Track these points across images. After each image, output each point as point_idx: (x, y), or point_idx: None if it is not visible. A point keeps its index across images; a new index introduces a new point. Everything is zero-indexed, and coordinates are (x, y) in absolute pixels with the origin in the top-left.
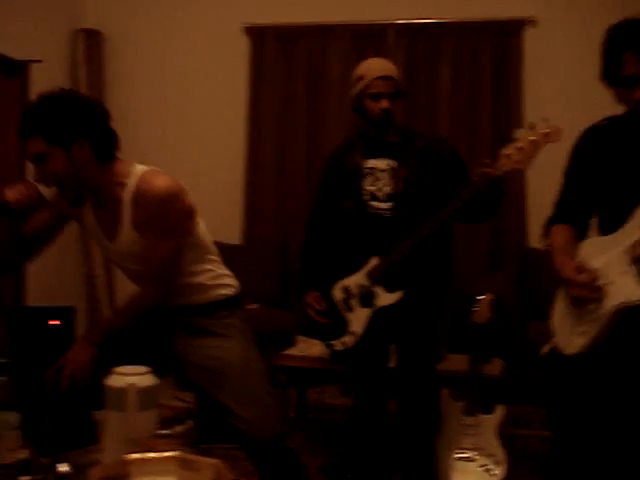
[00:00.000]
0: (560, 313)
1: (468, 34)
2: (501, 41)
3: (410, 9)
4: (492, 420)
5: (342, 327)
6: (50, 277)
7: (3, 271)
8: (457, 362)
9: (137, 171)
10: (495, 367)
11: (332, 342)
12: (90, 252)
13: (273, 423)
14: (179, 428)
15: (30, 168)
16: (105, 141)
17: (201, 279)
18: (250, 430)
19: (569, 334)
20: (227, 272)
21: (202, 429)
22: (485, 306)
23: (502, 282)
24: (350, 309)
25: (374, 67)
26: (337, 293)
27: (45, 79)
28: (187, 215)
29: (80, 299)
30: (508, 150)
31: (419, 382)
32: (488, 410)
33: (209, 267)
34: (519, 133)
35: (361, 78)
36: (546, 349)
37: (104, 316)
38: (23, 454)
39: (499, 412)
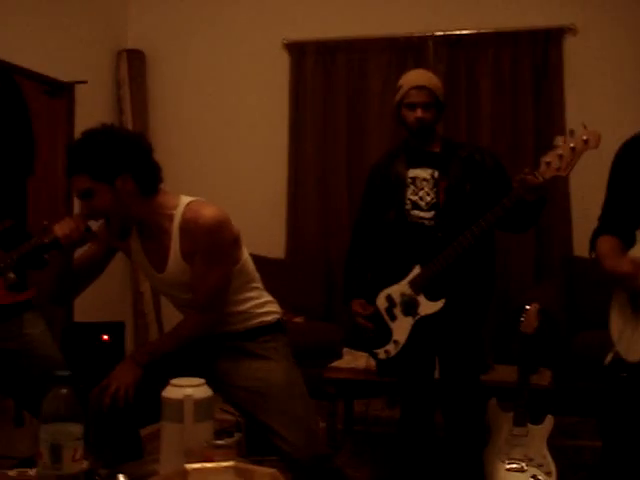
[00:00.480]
0: (619, 320)
1: (508, 44)
2: (541, 50)
3: (449, 20)
4: (541, 430)
5: (386, 336)
6: (98, 293)
7: (54, 304)
8: (505, 372)
9: (183, 202)
10: (543, 377)
11: (375, 351)
12: (136, 268)
13: (316, 445)
14: (228, 440)
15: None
16: (148, 174)
17: (245, 307)
18: (293, 451)
19: (631, 341)
20: (270, 298)
21: (251, 442)
22: (532, 316)
23: (549, 292)
24: (394, 318)
25: (411, 77)
26: (381, 302)
27: (90, 99)
28: (234, 243)
29: (127, 315)
30: (548, 157)
31: (464, 393)
32: (537, 420)
33: (253, 295)
34: (559, 140)
35: (400, 88)
36: (609, 358)
37: (152, 337)
38: (85, 465)
39: (548, 422)
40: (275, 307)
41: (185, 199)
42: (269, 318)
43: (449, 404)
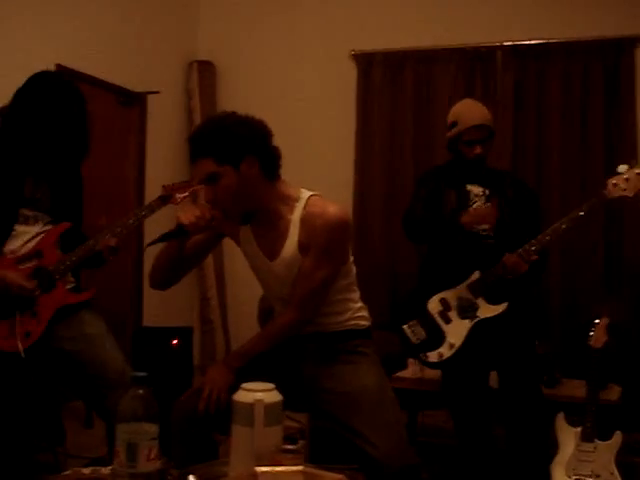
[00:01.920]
0: None
1: (578, 54)
2: (612, 60)
3: (518, 30)
4: (609, 447)
5: (438, 339)
6: (165, 298)
7: (157, 288)
8: (573, 387)
9: (304, 194)
10: (612, 393)
11: (427, 354)
12: (204, 274)
13: (407, 453)
14: (290, 446)
15: (149, 194)
16: (271, 158)
17: (344, 308)
18: (383, 458)
19: None
20: (363, 304)
21: (314, 449)
22: (602, 331)
23: (619, 306)
24: (448, 321)
25: (468, 115)
26: (433, 305)
27: (161, 109)
28: (348, 244)
29: (193, 321)
30: (614, 179)
31: (525, 404)
32: (605, 436)
33: (353, 297)
34: (622, 168)
35: (455, 124)
36: None
37: (218, 344)
38: (159, 464)
39: (616, 439)
40: (367, 313)
41: (306, 192)
42: (363, 322)
43: (510, 415)
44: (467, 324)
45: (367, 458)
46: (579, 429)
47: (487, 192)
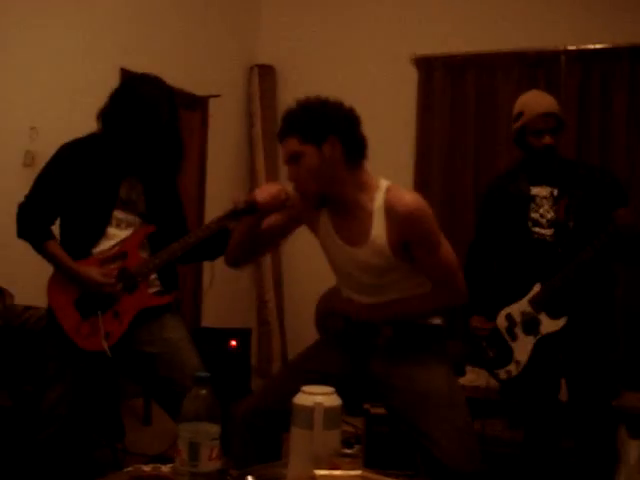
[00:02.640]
0: None
1: None
2: None
3: (582, 34)
4: None
5: (507, 356)
6: (223, 300)
7: (232, 266)
8: (635, 399)
9: (383, 184)
10: None
11: (496, 371)
12: (262, 277)
13: (474, 458)
14: (348, 450)
15: (210, 196)
16: (355, 143)
17: None
18: (450, 461)
19: None
20: None
21: (369, 453)
22: None
23: None
24: (514, 337)
25: (534, 103)
26: (501, 321)
27: (222, 112)
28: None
29: (251, 322)
30: None
31: (595, 418)
32: None
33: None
34: None
35: (521, 114)
36: None
37: (274, 346)
38: (219, 464)
39: None
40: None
41: (384, 181)
42: (437, 321)
43: (580, 429)
44: (531, 340)
45: (433, 460)
46: None
47: (555, 192)
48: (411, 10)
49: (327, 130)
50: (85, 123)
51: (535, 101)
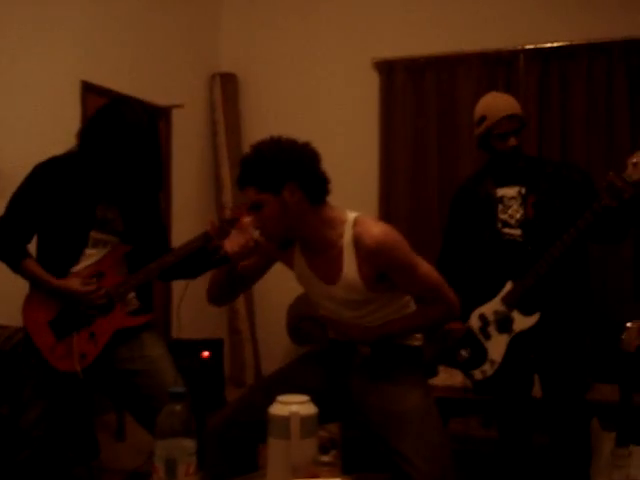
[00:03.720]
0: None
1: (601, 55)
2: (636, 61)
3: (540, 33)
4: None
5: (481, 356)
6: (194, 310)
7: (213, 304)
8: (606, 392)
9: (350, 217)
10: None
11: (472, 372)
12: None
13: (448, 476)
14: (326, 458)
15: (175, 206)
16: (315, 183)
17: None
18: (420, 477)
19: None
20: None
21: (345, 458)
22: (633, 334)
23: None
24: (488, 337)
25: (496, 107)
26: (474, 322)
27: (186, 122)
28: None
29: (222, 332)
30: (635, 158)
31: (569, 412)
32: None
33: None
34: None
35: (484, 118)
36: None
37: (247, 355)
38: (196, 479)
39: None
40: (420, 335)
41: (351, 214)
42: (416, 342)
43: (555, 424)
44: (505, 339)
45: (406, 478)
46: (613, 434)
47: (523, 191)
48: (370, 15)
49: (283, 178)
50: (46, 137)
51: (497, 104)
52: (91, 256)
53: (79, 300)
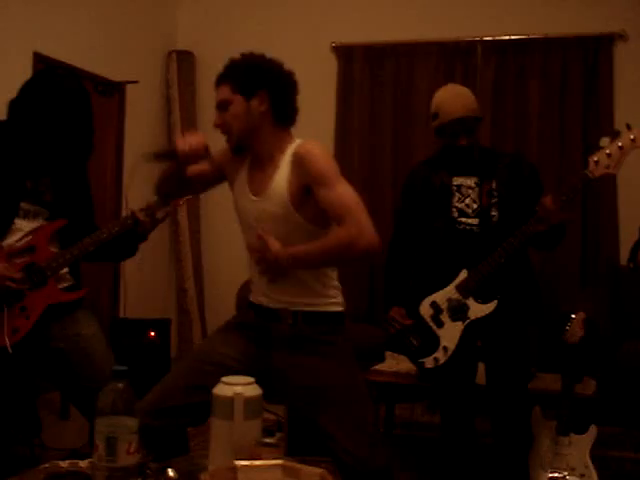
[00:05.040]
0: None
1: (557, 50)
2: (591, 56)
3: (498, 25)
4: (584, 440)
5: (433, 343)
6: (142, 289)
7: (165, 203)
8: (549, 381)
9: (297, 141)
10: (588, 387)
11: (423, 360)
12: (182, 265)
13: (377, 455)
14: (269, 439)
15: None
16: (285, 103)
17: (320, 283)
18: (352, 460)
19: None
20: (339, 285)
21: (292, 441)
22: (577, 325)
23: (594, 300)
24: (440, 324)
25: (449, 107)
26: (425, 309)
27: (140, 99)
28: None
29: (171, 312)
30: (596, 156)
31: (512, 400)
32: (580, 430)
33: (329, 274)
34: (605, 141)
35: (436, 116)
36: None
37: (195, 335)
38: (138, 458)
39: (591, 432)
40: (341, 297)
41: (300, 140)
42: (334, 307)
43: (497, 411)
44: (459, 326)
45: (337, 458)
46: (554, 423)
47: (479, 182)
48: None
49: (258, 84)
50: None
51: (449, 104)
52: (21, 227)
53: (2, 284)
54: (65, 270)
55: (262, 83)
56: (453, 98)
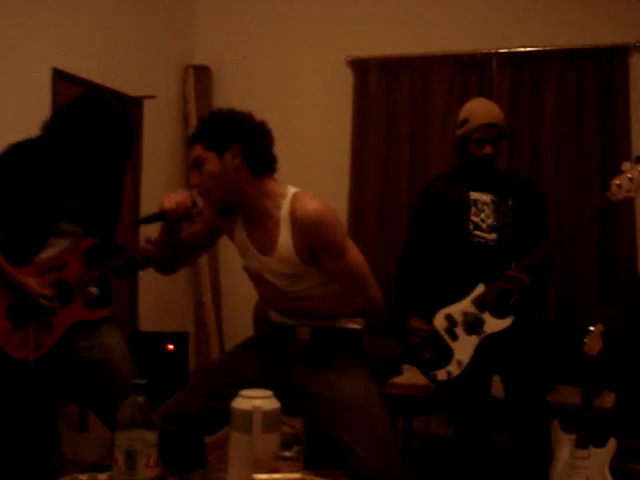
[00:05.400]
0: None
1: (572, 61)
2: (607, 68)
3: (513, 37)
4: (604, 453)
5: (446, 356)
6: (160, 303)
7: (160, 272)
8: (568, 394)
9: (290, 191)
10: (607, 400)
11: (435, 372)
12: (199, 279)
13: (394, 467)
14: (287, 453)
15: (145, 198)
16: (259, 154)
17: (339, 305)
18: (370, 474)
19: None
20: None
21: (310, 455)
22: (596, 337)
23: (613, 312)
24: (455, 337)
25: (479, 113)
26: (439, 322)
27: (157, 113)
28: (345, 233)
29: (189, 325)
30: (618, 180)
31: (531, 413)
32: (600, 443)
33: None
34: (626, 166)
35: (466, 121)
36: None
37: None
38: (157, 471)
39: (611, 445)
40: (360, 318)
41: (292, 188)
42: (354, 325)
43: (516, 424)
44: (474, 340)
45: (354, 471)
46: (573, 436)
47: (495, 199)
48: (346, 12)
49: (229, 139)
50: (17, 124)
51: (480, 110)
52: (55, 246)
53: (31, 298)
54: (94, 288)
55: (232, 137)
56: (484, 106)
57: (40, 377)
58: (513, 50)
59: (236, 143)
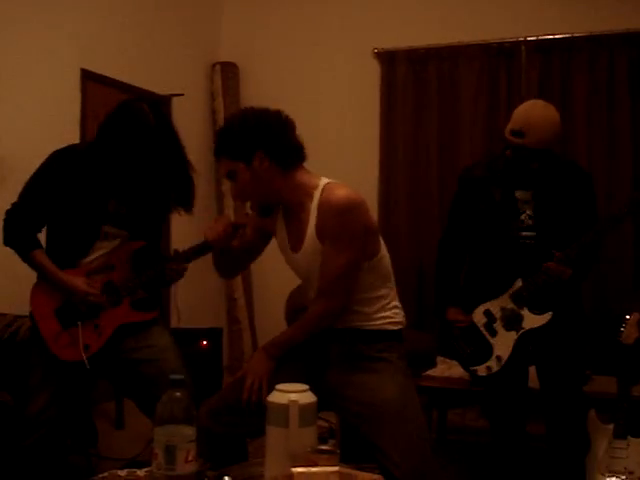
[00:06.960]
0: None
1: (603, 47)
2: (636, 53)
3: (542, 25)
4: None
5: (486, 352)
6: (193, 299)
7: (223, 278)
8: (604, 384)
9: (323, 182)
10: None
11: (476, 367)
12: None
13: (429, 474)
14: (324, 446)
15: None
16: (282, 150)
17: (372, 309)
18: (402, 475)
19: None
20: (397, 304)
21: (345, 449)
22: (633, 326)
23: None
24: (494, 333)
25: (540, 133)
26: (478, 317)
27: (186, 111)
28: (366, 230)
29: (221, 321)
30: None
31: (567, 404)
32: (638, 433)
33: (382, 294)
34: None
35: (521, 135)
36: None
37: (245, 344)
38: (195, 466)
39: None
40: (400, 316)
41: (325, 180)
42: (391, 326)
43: (552, 415)
44: (513, 336)
45: (388, 474)
46: (611, 426)
47: (535, 196)
48: (372, 4)
49: (250, 148)
50: (47, 125)
51: (543, 130)
52: (101, 249)
53: (80, 297)
54: (141, 291)
55: (253, 145)
56: (548, 124)
57: (88, 377)
58: (541, 37)
59: (259, 149)
